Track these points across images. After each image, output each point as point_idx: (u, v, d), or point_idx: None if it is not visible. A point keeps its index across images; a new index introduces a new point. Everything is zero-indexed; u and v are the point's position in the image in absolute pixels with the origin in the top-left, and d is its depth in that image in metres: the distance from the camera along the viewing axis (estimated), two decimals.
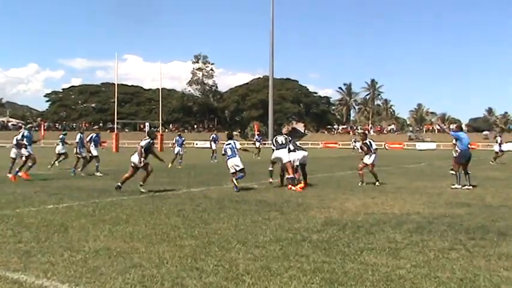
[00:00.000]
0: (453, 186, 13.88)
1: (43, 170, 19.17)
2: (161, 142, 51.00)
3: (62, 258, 5.82)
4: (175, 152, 25.16)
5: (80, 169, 18.51)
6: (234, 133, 21.19)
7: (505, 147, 31.73)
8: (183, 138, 26.18)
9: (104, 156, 21.47)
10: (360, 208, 10.00)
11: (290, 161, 14.04)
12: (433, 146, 74.03)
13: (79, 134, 19.71)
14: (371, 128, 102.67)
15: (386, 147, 67.98)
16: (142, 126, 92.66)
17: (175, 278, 5.04)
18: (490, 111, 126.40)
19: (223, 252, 6.16)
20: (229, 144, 13.68)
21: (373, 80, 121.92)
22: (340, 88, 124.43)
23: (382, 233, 7.38)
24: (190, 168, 22.73)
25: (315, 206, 10.27)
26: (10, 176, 15.73)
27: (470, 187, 13.84)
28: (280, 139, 14.70)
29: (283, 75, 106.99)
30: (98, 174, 18.21)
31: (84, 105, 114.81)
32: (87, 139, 19.28)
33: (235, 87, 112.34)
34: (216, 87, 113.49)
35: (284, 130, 17.66)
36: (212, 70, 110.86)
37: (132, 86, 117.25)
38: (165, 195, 12.09)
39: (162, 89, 69.24)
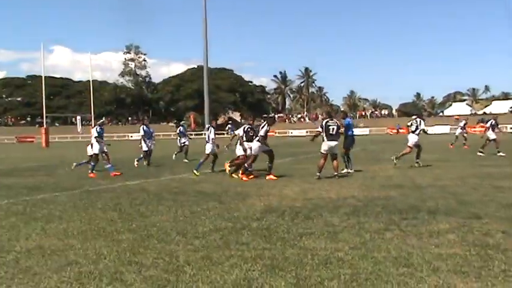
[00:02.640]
0: (344, 171, 14.06)
1: None
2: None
3: None
4: (145, 149, 19.12)
5: None
6: (170, 124, 20.92)
7: (432, 129, 32.11)
8: (151, 130, 19.86)
9: (33, 152, 20.54)
10: (299, 194, 10.14)
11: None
12: (366, 131, 76.38)
13: None
14: (306, 115, 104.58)
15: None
16: (73, 119, 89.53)
17: (113, 273, 4.90)
18: (418, 96, 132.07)
19: (162, 244, 6.05)
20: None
21: (307, 68, 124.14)
22: (275, 76, 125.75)
23: (320, 218, 7.52)
24: (125, 161, 22.17)
25: (254, 194, 10.32)
26: None
27: (352, 171, 14.25)
28: (333, 127, 13.40)
29: (219, 65, 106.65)
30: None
31: (9, 99, 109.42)
32: None
33: (170, 77, 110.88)
34: (150, 78, 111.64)
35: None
36: (145, 61, 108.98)
37: (60, 78, 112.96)
38: (101, 189, 11.73)
39: (93, 81, 67.00)
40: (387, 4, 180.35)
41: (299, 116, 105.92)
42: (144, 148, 18.93)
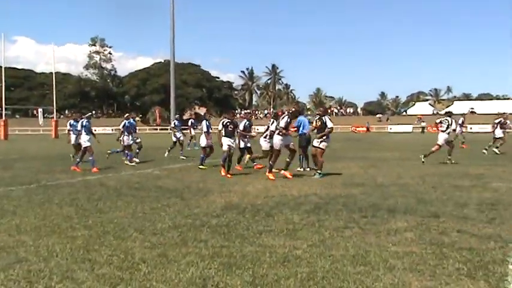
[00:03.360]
0: (296, 169, 14.19)
1: None
2: (56, 128, 48.16)
3: None
4: (127, 143, 17.59)
5: None
6: (136, 118, 20.47)
7: (396, 128, 31.63)
8: (134, 123, 18.59)
9: None
10: (261, 191, 10.10)
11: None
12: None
13: None
14: (273, 112, 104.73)
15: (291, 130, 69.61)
16: (35, 112, 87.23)
17: (65, 271, 4.73)
18: (382, 95, 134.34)
19: (118, 241, 5.90)
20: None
21: (273, 65, 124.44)
22: (242, 72, 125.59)
23: (281, 215, 7.49)
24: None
25: (216, 190, 10.22)
26: None
27: (308, 169, 14.26)
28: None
29: (186, 60, 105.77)
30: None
31: None
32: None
33: (136, 71, 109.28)
34: (115, 71, 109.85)
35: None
36: (110, 53, 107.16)
37: (22, 69, 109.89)
38: (59, 184, 11.42)
39: (56, 73, 65.34)
40: (353, 4, 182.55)
41: (266, 112, 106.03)
42: (129, 142, 17.67)
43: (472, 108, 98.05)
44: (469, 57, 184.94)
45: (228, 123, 13.70)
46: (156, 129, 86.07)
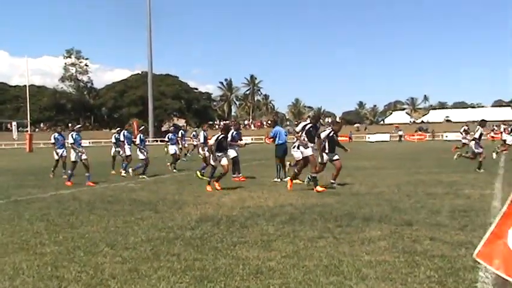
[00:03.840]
0: (272, 180, 14.21)
1: None
2: (30, 142, 47.35)
3: None
4: (128, 154, 18.12)
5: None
6: (113, 131, 20.33)
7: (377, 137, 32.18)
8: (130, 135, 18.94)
9: None
10: (236, 202, 10.04)
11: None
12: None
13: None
14: (252, 122, 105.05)
15: (267, 141, 69.84)
16: (9, 125, 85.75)
17: None
18: (360, 104, 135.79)
19: (89, 257, 5.77)
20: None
21: (252, 76, 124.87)
22: (221, 83, 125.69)
23: (256, 226, 7.44)
24: (61, 169, 21.33)
25: (191, 202, 10.13)
26: None
27: (286, 179, 13.81)
28: None
29: (164, 71, 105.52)
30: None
31: None
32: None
33: (113, 83, 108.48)
34: (92, 83, 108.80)
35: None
36: (86, 65, 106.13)
37: None
38: (30, 199, 11.17)
39: (30, 85, 64.48)
40: (330, 14, 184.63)
41: (245, 123, 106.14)
42: (126, 153, 17.98)
43: (448, 117, 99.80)
44: (445, 67, 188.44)
45: (222, 139, 12.69)
46: (134, 141, 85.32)
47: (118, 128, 19.57)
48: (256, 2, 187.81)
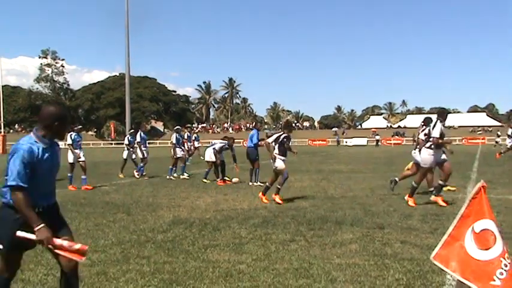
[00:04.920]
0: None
1: None
2: (3, 144, 46.44)
3: None
4: (141, 158, 17.52)
5: None
6: (90, 133, 19.92)
7: (351, 142, 32.67)
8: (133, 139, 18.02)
9: None
10: (210, 205, 9.99)
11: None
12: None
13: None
14: (230, 125, 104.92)
15: (244, 145, 69.97)
16: None
17: None
18: (338, 108, 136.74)
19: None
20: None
21: (231, 79, 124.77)
22: (199, 86, 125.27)
23: (229, 229, 7.41)
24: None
25: (165, 205, 10.05)
26: None
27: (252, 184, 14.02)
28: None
29: (142, 73, 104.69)
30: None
31: None
32: None
33: (89, 84, 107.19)
34: (68, 84, 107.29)
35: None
36: (63, 66, 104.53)
37: None
38: None
39: (4, 86, 63.32)
40: (309, 17, 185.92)
41: (225, 126, 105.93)
42: (141, 156, 17.46)
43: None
44: (422, 72, 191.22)
45: (284, 139, 10.81)
46: (111, 143, 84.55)
47: (132, 130, 18.92)
48: (235, 4, 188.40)
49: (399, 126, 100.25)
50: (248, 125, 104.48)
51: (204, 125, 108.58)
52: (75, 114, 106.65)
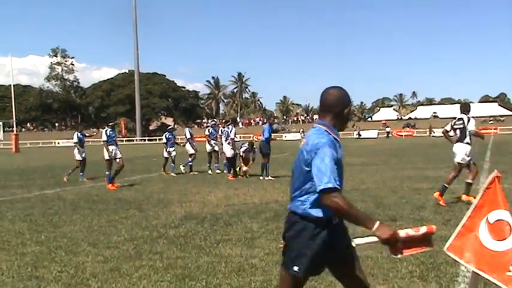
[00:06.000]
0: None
1: None
2: (16, 143, 46.85)
3: None
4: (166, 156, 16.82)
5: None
6: (101, 130, 19.93)
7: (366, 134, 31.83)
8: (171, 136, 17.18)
9: None
10: (222, 200, 10.00)
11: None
12: (298, 136, 77.53)
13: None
14: (240, 120, 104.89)
15: (255, 139, 69.91)
16: None
17: None
18: None
19: (70, 256, 5.72)
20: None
21: (239, 73, 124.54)
22: (208, 81, 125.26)
23: (240, 224, 7.42)
24: (47, 169, 21.20)
25: (176, 201, 10.08)
26: None
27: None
28: None
29: (151, 70, 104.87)
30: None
31: None
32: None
33: (99, 82, 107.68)
34: (78, 82, 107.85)
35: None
36: (72, 64, 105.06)
37: None
38: (14, 199, 11.05)
39: (16, 85, 63.76)
40: (318, 11, 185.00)
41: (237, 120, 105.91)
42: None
43: (435, 113, 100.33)
44: (432, 63, 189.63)
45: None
46: (122, 140, 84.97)
47: (170, 127, 18.76)
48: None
49: (410, 118, 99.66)
50: (258, 119, 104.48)
51: (215, 120, 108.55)
52: (85, 112, 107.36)
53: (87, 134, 17.71)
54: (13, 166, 24.56)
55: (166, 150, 16.63)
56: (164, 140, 16.98)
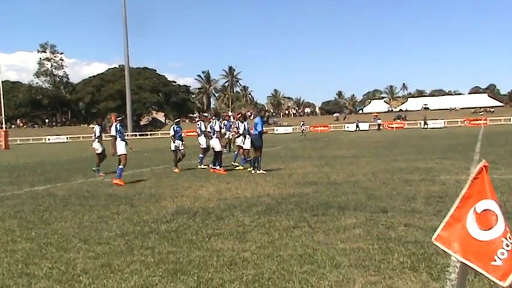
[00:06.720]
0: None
1: None
2: (5, 139, 46.47)
3: None
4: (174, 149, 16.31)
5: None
6: (91, 126, 19.82)
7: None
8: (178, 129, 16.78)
9: None
10: (213, 194, 9.99)
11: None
12: (289, 129, 77.67)
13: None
14: (231, 114, 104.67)
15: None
16: None
17: None
18: (339, 94, 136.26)
19: (61, 252, 5.68)
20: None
21: (230, 67, 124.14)
22: (199, 76, 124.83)
23: (232, 218, 7.41)
24: (37, 165, 21.07)
25: (168, 195, 10.05)
26: None
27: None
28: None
29: (142, 65, 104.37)
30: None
31: None
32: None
33: (89, 77, 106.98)
34: (68, 78, 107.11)
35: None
36: (62, 60, 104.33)
37: None
38: (3, 196, 10.96)
39: (4, 81, 63.16)
40: (308, 3, 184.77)
41: (224, 115, 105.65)
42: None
43: (426, 105, 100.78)
44: (422, 55, 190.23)
45: None
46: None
47: (178, 119, 18.51)
48: None
49: (400, 110, 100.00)
50: (249, 113, 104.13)
51: (206, 114, 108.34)
52: (75, 107, 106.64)
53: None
54: (3, 163, 24.41)
55: (173, 142, 16.35)
56: (172, 133, 16.64)
